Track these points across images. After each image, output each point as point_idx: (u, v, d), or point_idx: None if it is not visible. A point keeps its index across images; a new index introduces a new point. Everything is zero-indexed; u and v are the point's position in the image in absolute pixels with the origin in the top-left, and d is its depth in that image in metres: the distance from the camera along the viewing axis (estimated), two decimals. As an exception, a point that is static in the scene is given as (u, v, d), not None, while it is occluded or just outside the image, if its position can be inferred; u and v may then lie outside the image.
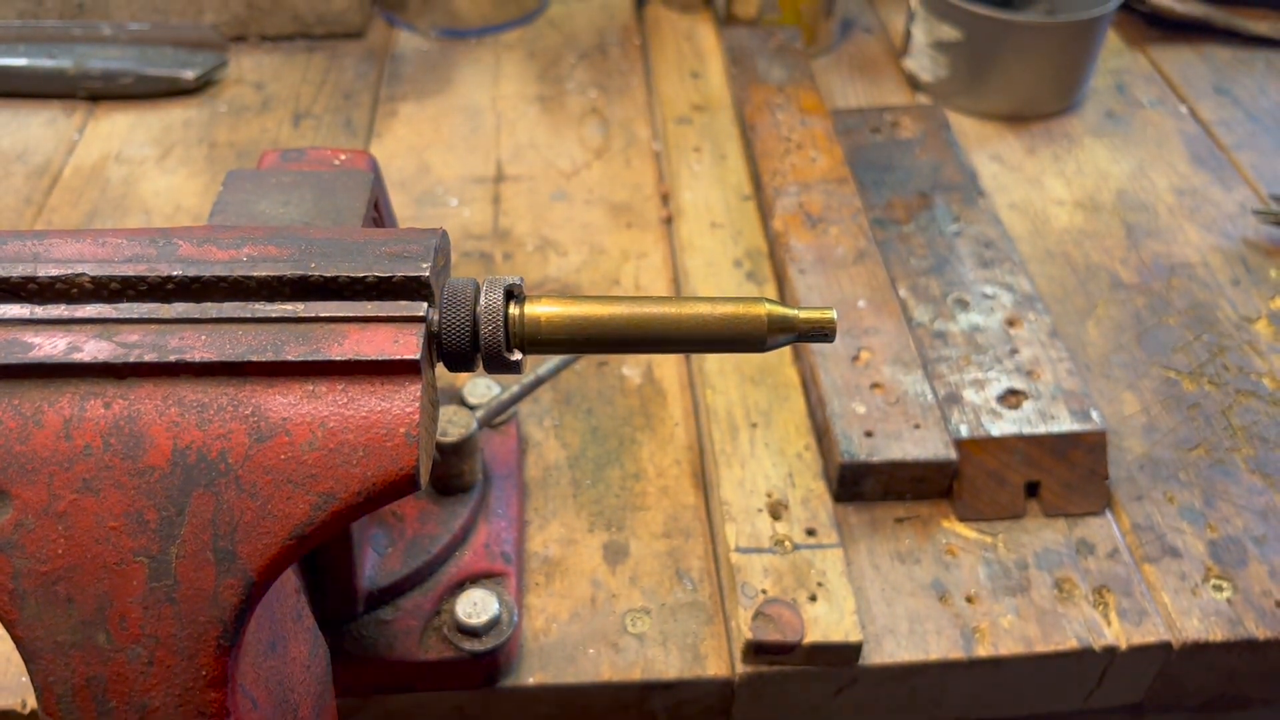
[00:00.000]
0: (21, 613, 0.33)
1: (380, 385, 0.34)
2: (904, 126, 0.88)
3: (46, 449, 0.33)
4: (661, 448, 0.67)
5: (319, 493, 0.33)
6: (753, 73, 0.91)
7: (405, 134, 0.91)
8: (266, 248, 0.36)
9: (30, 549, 0.33)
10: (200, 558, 0.33)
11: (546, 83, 0.98)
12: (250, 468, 0.33)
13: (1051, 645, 0.57)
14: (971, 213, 0.80)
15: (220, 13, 0.99)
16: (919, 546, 0.61)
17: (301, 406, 0.33)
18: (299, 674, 0.40)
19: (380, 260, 0.36)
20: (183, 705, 0.33)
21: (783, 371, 0.69)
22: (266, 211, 0.46)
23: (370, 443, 0.33)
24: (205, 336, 0.34)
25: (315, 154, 0.51)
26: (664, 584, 0.59)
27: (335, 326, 0.35)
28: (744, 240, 0.79)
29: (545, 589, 0.59)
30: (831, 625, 0.55)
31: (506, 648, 0.54)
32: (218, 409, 0.33)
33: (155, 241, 0.36)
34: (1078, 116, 0.95)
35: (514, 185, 0.86)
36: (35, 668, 0.33)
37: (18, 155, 0.88)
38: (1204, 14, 1.03)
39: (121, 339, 0.34)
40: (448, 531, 0.56)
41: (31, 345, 0.34)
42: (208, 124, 0.92)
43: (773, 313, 0.36)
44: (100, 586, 0.33)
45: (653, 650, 0.56)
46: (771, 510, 0.61)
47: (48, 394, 0.33)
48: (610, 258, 0.80)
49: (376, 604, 0.54)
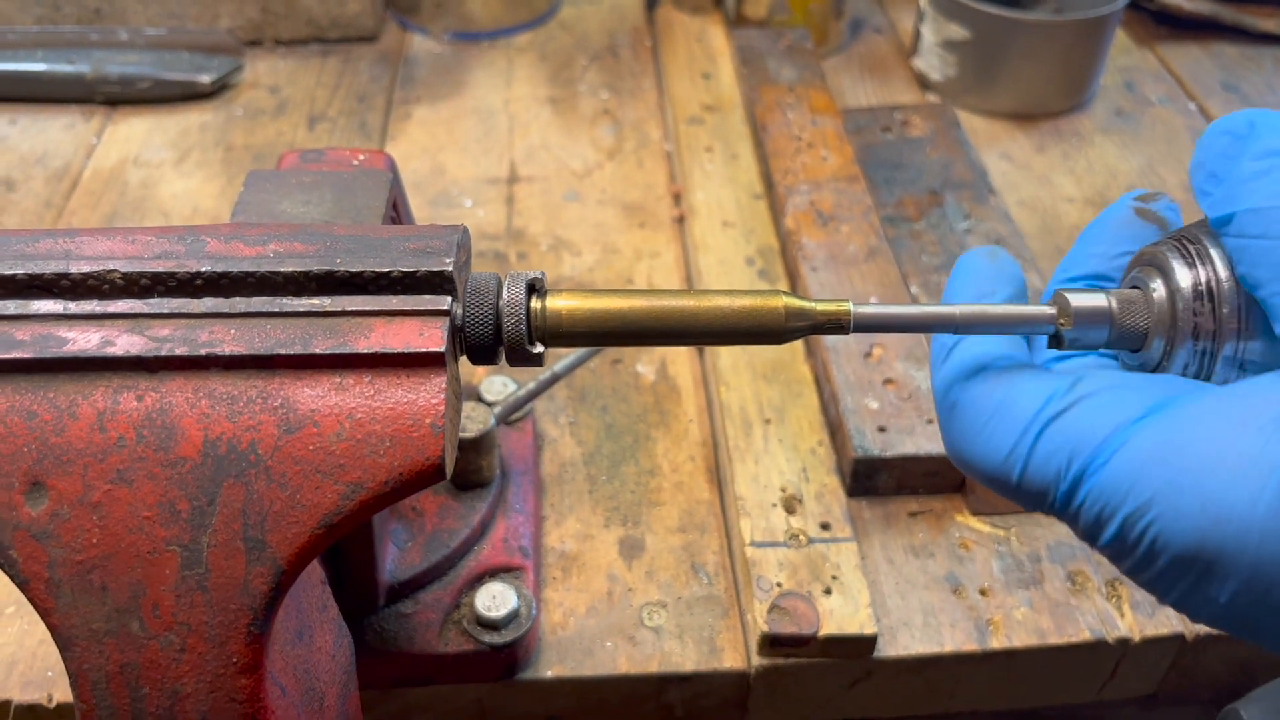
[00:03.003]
0: (57, 601, 0.34)
1: (406, 377, 0.35)
2: (914, 125, 0.89)
3: (81, 441, 0.34)
4: (676, 444, 0.67)
5: (347, 482, 0.34)
6: (763, 73, 0.91)
7: (419, 136, 0.92)
8: (292, 244, 0.37)
9: (66, 539, 0.33)
10: (231, 546, 0.33)
11: (558, 84, 0.99)
12: (280, 458, 0.34)
13: (1065, 637, 0.57)
14: (982, 210, 0.80)
15: (235, 17, 1.00)
16: (932, 540, 0.62)
17: (329, 398, 0.34)
18: (325, 663, 0.41)
19: (404, 256, 0.36)
20: (214, 692, 0.34)
21: (796, 368, 0.70)
22: (288, 211, 0.47)
23: (397, 433, 0.34)
24: (234, 330, 0.35)
25: (334, 154, 0.52)
26: (680, 578, 0.60)
27: (361, 320, 0.35)
28: (756, 239, 0.79)
29: (562, 583, 0.60)
30: (846, 618, 0.56)
31: (525, 641, 0.54)
32: (247, 401, 0.34)
33: (183, 239, 0.37)
34: (1087, 114, 0.96)
35: (527, 186, 0.87)
36: (70, 655, 0.34)
37: (37, 159, 0.89)
38: (1212, 11, 1.04)
39: (153, 333, 0.35)
40: (466, 526, 0.57)
41: (66, 340, 0.34)
42: (224, 127, 0.93)
43: (790, 305, 0.36)
44: (134, 575, 0.33)
45: (669, 643, 0.57)
46: (786, 505, 0.61)
47: (82, 387, 0.34)
48: (623, 257, 0.80)
49: (397, 598, 0.55)
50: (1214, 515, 0.29)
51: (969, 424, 0.35)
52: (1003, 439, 0.34)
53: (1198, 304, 0.33)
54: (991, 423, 0.34)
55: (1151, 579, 0.31)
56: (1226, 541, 0.28)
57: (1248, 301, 0.32)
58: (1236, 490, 0.28)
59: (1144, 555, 0.30)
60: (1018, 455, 0.33)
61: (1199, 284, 0.33)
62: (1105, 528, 0.31)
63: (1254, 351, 0.32)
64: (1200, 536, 0.29)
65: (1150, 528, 0.30)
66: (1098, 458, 0.31)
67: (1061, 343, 0.35)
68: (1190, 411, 0.31)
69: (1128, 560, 0.31)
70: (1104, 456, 0.31)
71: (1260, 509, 0.28)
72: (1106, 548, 0.32)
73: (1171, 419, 0.31)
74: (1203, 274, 0.33)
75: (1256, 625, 0.29)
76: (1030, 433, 0.33)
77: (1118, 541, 0.31)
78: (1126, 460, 0.30)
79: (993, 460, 0.34)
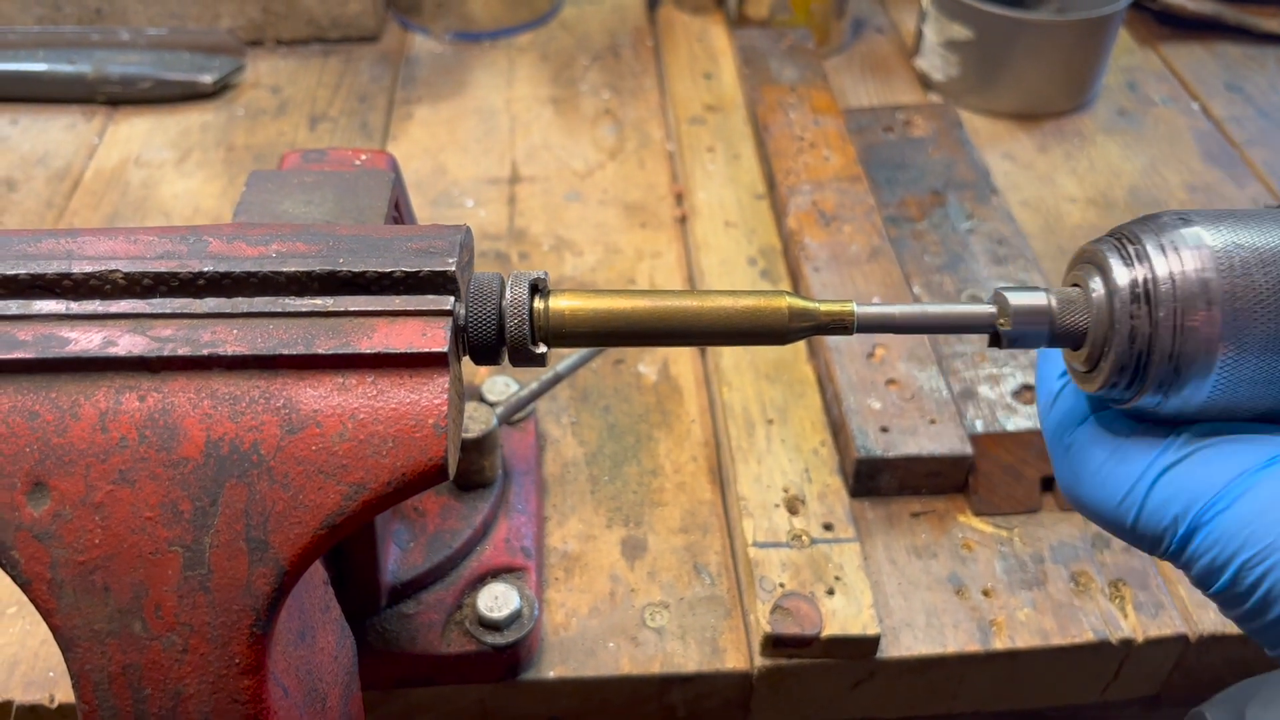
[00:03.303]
0: (59, 602, 0.33)
1: (409, 378, 0.34)
2: (916, 125, 0.89)
3: (83, 441, 0.33)
4: (678, 444, 0.67)
5: (350, 483, 0.34)
6: (765, 73, 0.91)
7: (420, 136, 0.92)
8: (295, 244, 0.37)
9: (68, 539, 0.33)
10: (233, 547, 0.33)
11: (560, 85, 0.99)
12: (282, 459, 0.34)
13: (1068, 638, 0.57)
14: (984, 210, 0.80)
15: (237, 18, 1.00)
16: (935, 541, 0.61)
17: (332, 399, 0.34)
18: (327, 664, 0.41)
19: (407, 256, 0.36)
20: (216, 692, 0.34)
21: (798, 368, 0.70)
22: (290, 211, 0.47)
23: (400, 434, 0.34)
24: (237, 331, 0.35)
25: (336, 154, 0.52)
26: (682, 578, 0.60)
27: (364, 320, 0.35)
28: (758, 239, 0.79)
29: (565, 584, 0.60)
30: (849, 618, 0.55)
31: (527, 641, 0.54)
32: (250, 401, 0.34)
33: (186, 239, 0.37)
34: (1089, 114, 0.96)
35: (529, 186, 0.87)
36: (72, 656, 0.34)
37: (39, 159, 0.89)
38: (1215, 11, 1.04)
39: (155, 333, 0.35)
40: (469, 527, 0.57)
41: (68, 340, 0.34)
42: (225, 127, 0.92)
43: (794, 305, 0.36)
44: (136, 576, 0.33)
45: (672, 644, 0.57)
46: (788, 505, 0.61)
47: (84, 387, 0.34)
48: (625, 257, 0.80)
49: (399, 598, 0.55)
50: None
51: (1085, 466, 0.35)
52: (1119, 483, 0.34)
53: (1134, 305, 0.33)
54: (1107, 465, 0.34)
55: (1263, 627, 0.31)
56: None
57: (1184, 308, 0.32)
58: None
59: (1258, 603, 0.31)
60: (1133, 499, 0.33)
61: (1136, 285, 0.33)
62: (1220, 575, 0.31)
63: (1188, 359, 0.32)
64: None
65: (1267, 576, 0.30)
66: (1216, 505, 0.31)
67: (1001, 342, 0.35)
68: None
69: (1240, 608, 0.31)
70: (1223, 504, 0.31)
71: None
72: (1219, 594, 0.32)
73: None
74: (1140, 274, 0.33)
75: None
76: (1147, 477, 0.33)
77: (1231, 587, 0.31)
78: (1245, 508, 0.31)
79: (1109, 504, 0.34)
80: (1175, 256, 0.32)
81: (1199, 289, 0.32)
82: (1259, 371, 0.32)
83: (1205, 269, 0.32)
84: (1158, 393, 0.33)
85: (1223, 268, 0.31)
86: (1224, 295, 0.31)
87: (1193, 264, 0.32)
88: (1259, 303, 0.31)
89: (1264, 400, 0.32)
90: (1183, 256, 0.32)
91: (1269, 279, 0.31)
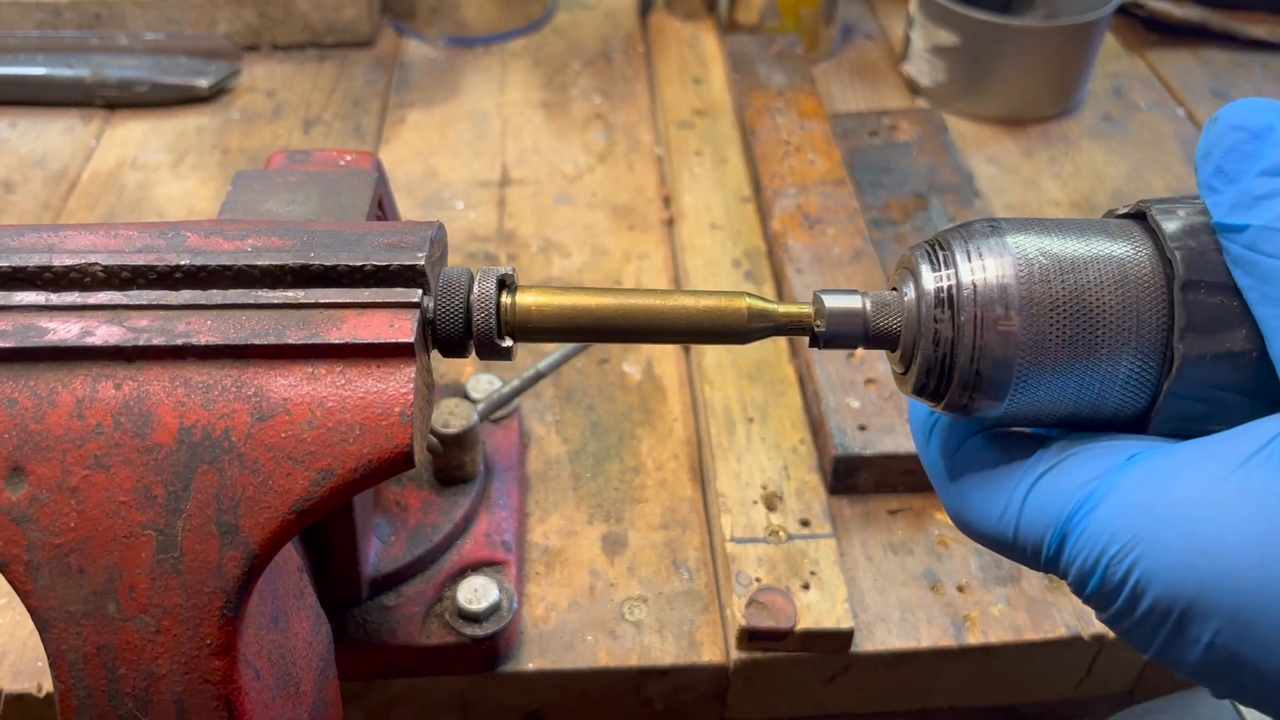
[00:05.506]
0: (36, 583, 0.34)
1: (376, 368, 0.35)
2: (901, 129, 0.90)
3: (60, 427, 0.34)
4: (660, 442, 0.68)
5: (318, 469, 0.35)
6: (754, 78, 0.92)
7: (413, 139, 0.93)
8: (270, 239, 0.38)
9: (44, 522, 0.34)
10: (205, 531, 0.34)
11: (551, 89, 1.00)
12: (252, 445, 0.35)
13: (1041, 634, 0.58)
14: (967, 213, 0.81)
15: (233, 22, 1.01)
16: (911, 538, 0.62)
17: (301, 387, 0.35)
18: (301, 649, 0.42)
19: (378, 250, 0.37)
20: (188, 673, 0.35)
21: (780, 368, 0.70)
22: (273, 210, 0.48)
23: (367, 421, 0.35)
24: (211, 321, 0.36)
25: (321, 155, 0.53)
26: (661, 573, 0.61)
27: (334, 312, 0.36)
28: (743, 241, 0.80)
29: (545, 578, 0.60)
30: (824, 612, 0.56)
31: (506, 633, 0.55)
32: (222, 390, 0.35)
33: (164, 234, 0.38)
34: (1075, 119, 0.96)
35: (519, 189, 0.88)
36: (48, 637, 0.35)
37: (36, 161, 0.90)
38: (1201, 18, 1.04)
39: (131, 324, 0.36)
40: (450, 521, 0.58)
41: (46, 330, 0.35)
42: (221, 131, 0.94)
43: (753, 306, 0.37)
44: (110, 558, 0.34)
45: (649, 637, 0.58)
46: (767, 502, 0.62)
47: (61, 375, 0.35)
48: (612, 258, 0.81)
49: (380, 590, 0.56)
50: (1199, 548, 0.29)
51: (965, 489, 0.35)
52: (996, 501, 0.34)
53: (938, 310, 0.33)
54: (984, 486, 0.35)
55: (1134, 625, 0.31)
56: (1210, 574, 0.28)
57: (983, 313, 0.32)
58: (1222, 521, 0.28)
59: (1127, 598, 0.30)
60: (1010, 515, 0.34)
61: (940, 290, 0.34)
62: (1092, 576, 0.31)
63: (988, 362, 0.33)
64: (1184, 571, 0.29)
65: (1134, 568, 0.30)
66: (1083, 507, 0.31)
67: (819, 342, 0.36)
68: (1174, 455, 0.31)
69: (1112, 606, 0.31)
70: (1089, 505, 0.31)
71: (1246, 538, 0.28)
72: (1095, 597, 0.32)
73: (1155, 463, 0.31)
74: (945, 280, 0.34)
75: (1239, 672, 0.29)
76: (1019, 491, 0.33)
77: (1102, 586, 0.31)
78: (1109, 506, 0.31)
79: (989, 523, 0.34)
80: (980, 263, 0.33)
81: (998, 294, 0.32)
82: (1057, 374, 0.32)
83: (1005, 275, 0.33)
84: (964, 394, 0.33)
85: (1022, 275, 0.32)
86: (1022, 300, 0.32)
87: (995, 271, 0.33)
88: (1054, 308, 0.32)
89: (1066, 404, 0.33)
90: (986, 264, 0.33)
91: (1066, 285, 0.32)
